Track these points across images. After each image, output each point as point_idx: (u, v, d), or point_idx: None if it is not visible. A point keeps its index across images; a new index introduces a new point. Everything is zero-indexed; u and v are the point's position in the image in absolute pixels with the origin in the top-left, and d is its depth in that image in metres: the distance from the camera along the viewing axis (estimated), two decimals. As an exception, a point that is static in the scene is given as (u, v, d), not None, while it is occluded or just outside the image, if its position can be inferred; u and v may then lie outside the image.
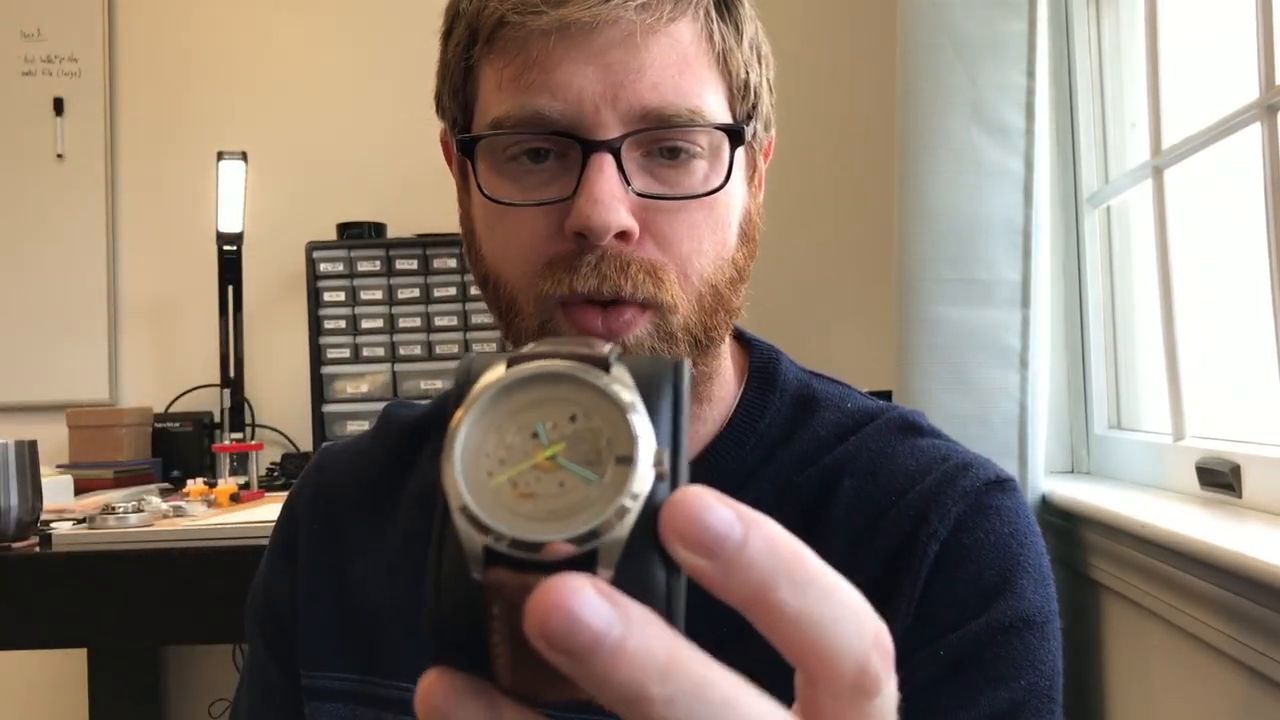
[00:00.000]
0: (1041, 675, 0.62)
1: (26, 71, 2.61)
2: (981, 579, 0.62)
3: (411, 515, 0.71)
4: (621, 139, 0.59)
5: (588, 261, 0.59)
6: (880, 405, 0.72)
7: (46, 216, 2.60)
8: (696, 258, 0.61)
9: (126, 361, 2.62)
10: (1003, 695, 0.61)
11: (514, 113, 0.60)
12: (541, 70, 0.59)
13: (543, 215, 0.60)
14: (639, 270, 0.59)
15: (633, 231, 0.59)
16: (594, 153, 0.58)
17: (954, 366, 1.32)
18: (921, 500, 0.64)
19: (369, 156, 2.57)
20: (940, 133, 1.34)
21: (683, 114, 0.60)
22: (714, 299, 0.63)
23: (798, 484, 0.66)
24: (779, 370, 0.72)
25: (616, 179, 0.58)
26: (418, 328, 2.41)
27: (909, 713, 0.61)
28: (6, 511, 1.47)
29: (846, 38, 2.40)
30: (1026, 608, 0.62)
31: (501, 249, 0.63)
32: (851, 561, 0.63)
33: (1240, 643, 0.83)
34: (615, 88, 0.58)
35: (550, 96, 0.59)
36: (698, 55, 0.61)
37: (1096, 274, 1.47)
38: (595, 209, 0.57)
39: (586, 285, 0.59)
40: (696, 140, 0.61)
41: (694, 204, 0.61)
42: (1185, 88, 1.25)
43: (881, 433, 0.69)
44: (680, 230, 0.61)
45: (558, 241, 0.60)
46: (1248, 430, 1.09)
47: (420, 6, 2.94)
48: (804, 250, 2.37)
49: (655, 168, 0.61)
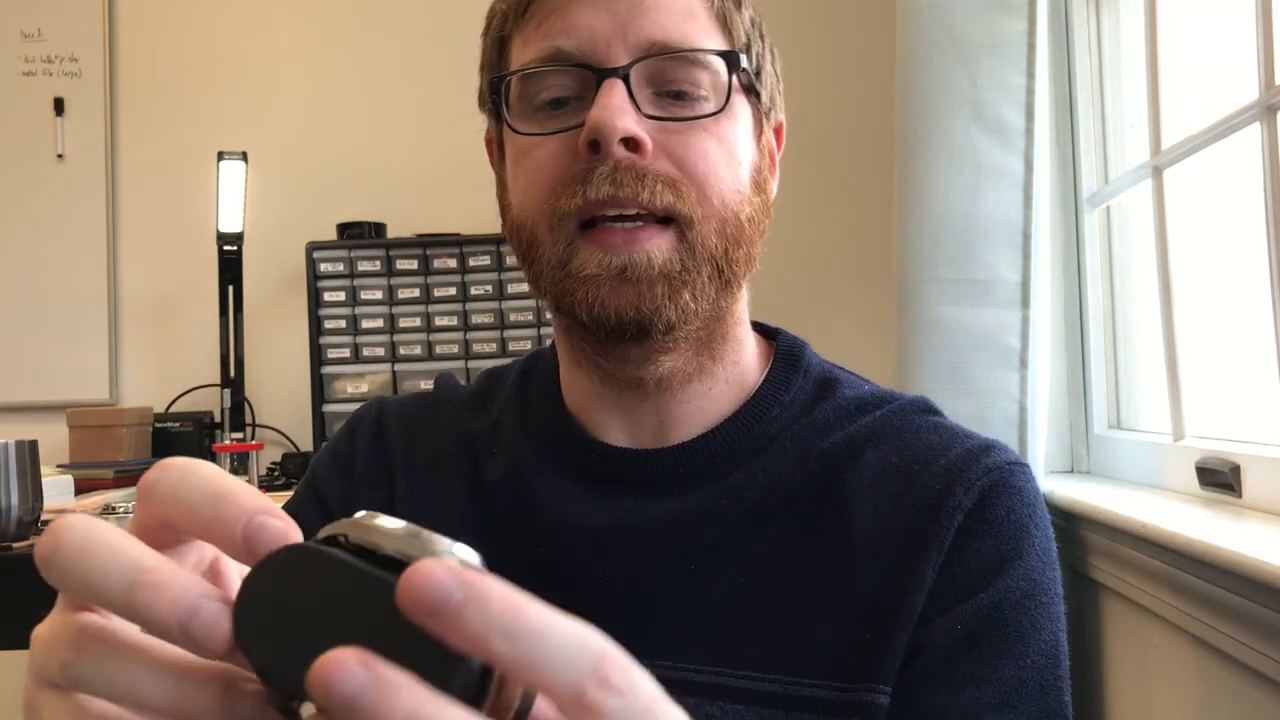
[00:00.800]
0: (1043, 652, 0.64)
1: (26, 71, 2.61)
2: (997, 552, 0.64)
3: (459, 458, 0.75)
4: (629, 65, 0.64)
5: (600, 173, 0.62)
6: (896, 391, 0.75)
7: (46, 216, 2.60)
8: (713, 179, 0.65)
9: (127, 361, 2.62)
10: (1009, 671, 0.62)
11: (536, 55, 0.66)
12: (559, 16, 0.65)
13: (561, 142, 0.65)
14: (655, 180, 0.63)
15: (643, 142, 0.63)
16: (606, 78, 0.63)
17: (954, 366, 1.32)
18: (947, 472, 0.66)
19: (369, 156, 2.57)
20: (940, 133, 1.34)
21: (687, 47, 0.65)
22: (736, 229, 0.66)
23: (820, 450, 0.68)
24: (804, 355, 0.75)
25: (625, 96, 0.63)
26: (418, 328, 2.41)
27: (927, 685, 0.62)
28: (6, 511, 1.47)
29: (846, 38, 2.40)
30: (1030, 585, 0.64)
31: (525, 187, 0.67)
32: (875, 528, 0.65)
33: (1240, 643, 0.83)
34: (624, 24, 0.64)
35: (566, 36, 0.65)
36: (698, 10, 0.66)
37: (1096, 274, 1.47)
38: (604, 113, 0.62)
39: (600, 192, 0.62)
40: (699, 82, 0.65)
41: (703, 130, 0.65)
42: (1185, 88, 1.25)
43: (905, 410, 0.71)
44: (693, 152, 0.64)
45: (572, 164, 0.64)
46: (1248, 430, 1.09)
47: (421, 7, 2.96)
48: (804, 250, 2.37)
49: (664, 104, 0.65)
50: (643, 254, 0.62)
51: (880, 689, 0.62)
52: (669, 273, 0.63)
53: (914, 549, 0.64)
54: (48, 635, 0.33)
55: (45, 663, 0.32)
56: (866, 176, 2.30)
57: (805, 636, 0.64)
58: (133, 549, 0.31)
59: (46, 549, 0.32)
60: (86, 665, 0.31)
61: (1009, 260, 1.31)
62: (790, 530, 0.66)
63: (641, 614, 0.66)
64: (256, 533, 0.31)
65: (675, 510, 0.67)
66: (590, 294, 0.63)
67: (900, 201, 1.39)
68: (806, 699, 0.62)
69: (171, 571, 0.31)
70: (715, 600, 0.65)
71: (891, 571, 0.64)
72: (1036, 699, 0.62)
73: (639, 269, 0.62)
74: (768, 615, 0.65)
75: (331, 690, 0.26)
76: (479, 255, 2.40)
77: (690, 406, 0.70)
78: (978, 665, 0.62)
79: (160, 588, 0.30)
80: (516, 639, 0.26)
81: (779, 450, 0.69)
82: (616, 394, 0.70)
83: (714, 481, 0.68)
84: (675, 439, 0.70)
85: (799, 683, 0.63)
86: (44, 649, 0.32)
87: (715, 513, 0.67)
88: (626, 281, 0.63)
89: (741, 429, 0.70)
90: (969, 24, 1.33)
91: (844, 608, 0.64)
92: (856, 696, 0.62)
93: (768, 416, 0.70)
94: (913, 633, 0.63)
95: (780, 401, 0.71)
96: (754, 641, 0.64)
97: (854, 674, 0.62)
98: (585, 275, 0.63)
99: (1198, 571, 0.88)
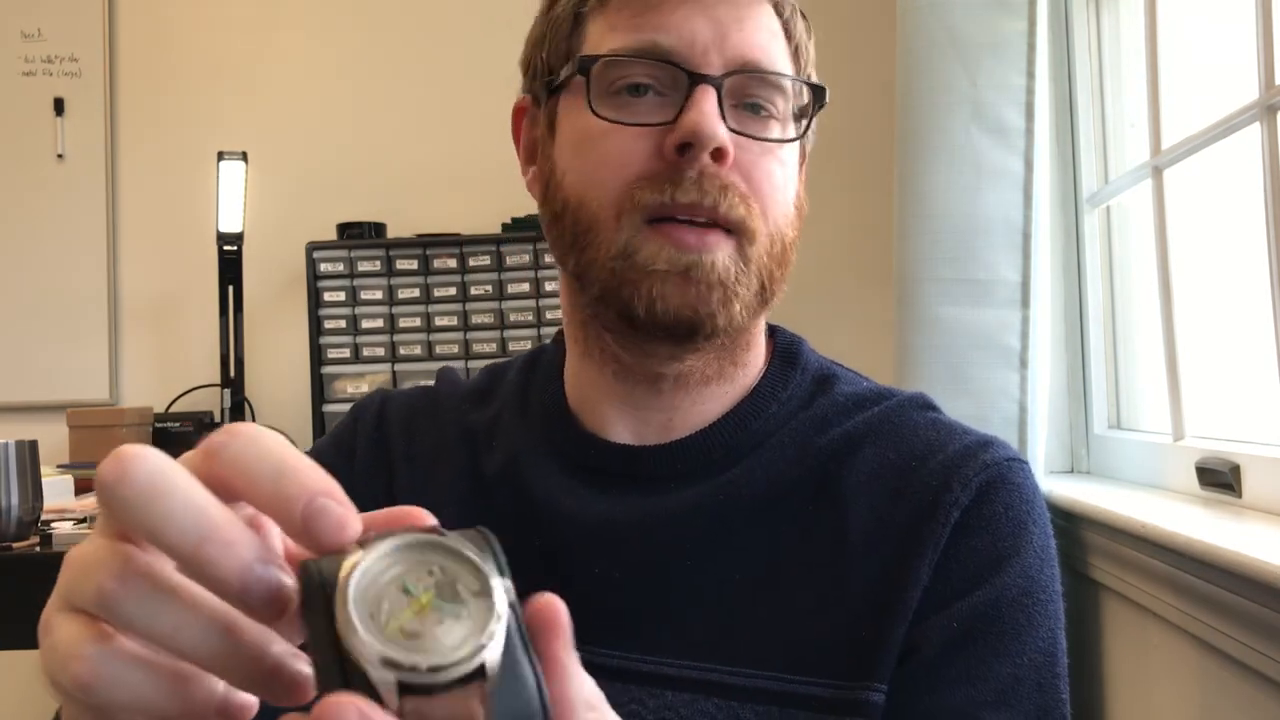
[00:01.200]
0: (1040, 650, 0.63)
1: (26, 71, 2.61)
2: (994, 549, 0.64)
3: (459, 452, 0.75)
4: (724, 77, 0.64)
5: (689, 176, 0.63)
6: (894, 388, 0.75)
7: (46, 216, 2.60)
8: (774, 202, 0.67)
9: (127, 361, 2.62)
10: (1006, 669, 0.62)
11: (630, 44, 0.65)
12: (657, 13, 0.65)
13: (642, 136, 0.65)
14: (734, 193, 0.64)
15: (728, 154, 0.64)
16: (700, 84, 0.64)
17: (954, 366, 1.32)
18: (944, 469, 0.66)
19: (369, 156, 2.57)
20: (940, 133, 1.34)
21: (774, 70, 0.66)
22: (781, 250, 0.68)
23: (817, 445, 0.69)
24: (802, 352, 0.76)
25: (716, 106, 0.64)
26: (418, 328, 2.41)
27: (922, 682, 0.62)
28: (7, 511, 1.47)
29: (846, 38, 2.40)
30: (1027, 582, 0.64)
31: (592, 171, 0.67)
32: (872, 524, 0.65)
33: (1240, 642, 0.83)
34: (723, 35, 0.65)
35: (665, 32, 0.65)
36: (781, 34, 0.69)
37: (1096, 274, 1.47)
38: (704, 119, 0.63)
39: (689, 196, 0.63)
40: (776, 102, 0.67)
41: (771, 153, 0.67)
42: (1185, 88, 1.25)
43: (902, 407, 0.72)
44: (761, 171, 0.66)
45: (655, 161, 0.64)
46: (1248, 430, 1.09)
47: (421, 7, 2.96)
48: (804, 250, 2.35)
49: (741, 116, 0.66)
50: (710, 257, 0.64)
51: (876, 687, 0.62)
52: (727, 280, 0.64)
53: (911, 545, 0.64)
54: (88, 559, 0.32)
55: (80, 586, 0.32)
56: (866, 176, 2.30)
57: (801, 633, 0.64)
58: (203, 500, 0.31)
59: (110, 475, 0.31)
60: (129, 599, 0.31)
61: (1009, 260, 1.31)
62: (787, 526, 0.66)
63: (638, 609, 0.66)
64: (316, 516, 0.31)
65: (673, 506, 0.67)
66: (655, 288, 0.64)
67: (900, 201, 1.39)
68: (802, 696, 0.62)
69: (242, 532, 0.31)
70: (711, 596, 0.66)
71: (888, 568, 0.64)
72: (1034, 697, 0.62)
73: (704, 270, 0.64)
74: (764, 612, 0.65)
75: None
76: (479, 255, 2.40)
77: (700, 407, 0.70)
78: (974, 663, 0.62)
79: (232, 546, 0.31)
80: None
81: (776, 446, 0.69)
82: (628, 388, 0.70)
83: (712, 477, 0.68)
84: (678, 435, 0.70)
85: (794, 680, 0.63)
86: (81, 572, 0.32)
87: (712, 508, 0.67)
88: (690, 281, 0.64)
89: (740, 425, 0.70)
90: (969, 24, 1.33)
91: (840, 605, 0.64)
92: (852, 694, 0.62)
93: (765, 413, 0.71)
94: (908, 630, 0.63)
95: (778, 398, 0.71)
96: (750, 638, 0.64)
97: (850, 671, 0.62)
98: (653, 269, 0.64)
99: (1198, 571, 0.88)
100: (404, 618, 0.30)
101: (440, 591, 0.31)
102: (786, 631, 0.64)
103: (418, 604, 0.31)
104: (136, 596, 0.31)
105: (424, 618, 0.31)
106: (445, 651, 0.30)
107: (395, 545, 0.31)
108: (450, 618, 0.31)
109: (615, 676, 0.64)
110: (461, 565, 0.32)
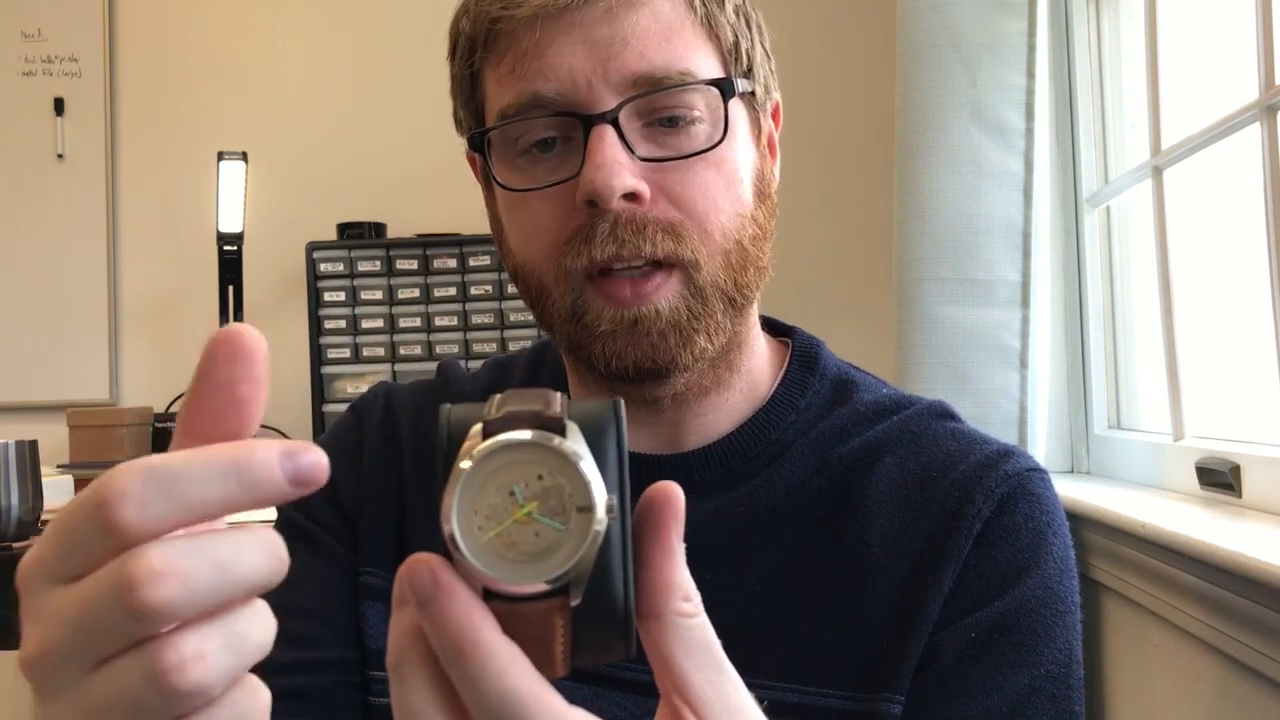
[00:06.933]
0: (1057, 661, 0.63)
1: (26, 71, 2.61)
2: (1014, 560, 0.64)
3: None
4: (617, 108, 0.61)
5: (601, 230, 0.61)
6: (914, 395, 0.74)
7: (46, 216, 2.60)
8: (714, 214, 0.63)
9: (127, 361, 2.62)
10: (1023, 680, 0.62)
11: (515, 101, 0.63)
12: (533, 57, 0.62)
13: (556, 196, 0.63)
14: (655, 230, 0.61)
15: (642, 193, 0.61)
16: (594, 125, 0.61)
17: (954, 366, 1.32)
18: (966, 480, 0.65)
19: (369, 156, 2.57)
20: (940, 133, 1.34)
21: (673, 76, 0.62)
22: (740, 256, 0.64)
23: (837, 456, 0.68)
24: (820, 356, 0.74)
25: (618, 145, 0.60)
26: (418, 328, 2.41)
27: (938, 691, 0.61)
28: (6, 511, 1.47)
29: (846, 38, 2.40)
30: (1046, 593, 0.64)
31: (524, 236, 0.66)
32: (893, 536, 0.64)
33: (1240, 642, 0.83)
34: (604, 61, 0.61)
35: (544, 79, 0.61)
36: (681, 23, 0.63)
37: (1096, 274, 1.47)
38: (599, 173, 0.59)
39: (604, 252, 0.61)
40: (693, 104, 0.63)
41: (701, 163, 0.63)
42: (1185, 88, 1.25)
43: (922, 415, 0.70)
44: (692, 189, 0.62)
45: (573, 217, 0.62)
46: (1248, 430, 1.09)
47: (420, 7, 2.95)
48: (804, 250, 2.37)
49: (657, 135, 0.63)
50: (650, 307, 0.62)
51: (894, 699, 0.61)
52: (678, 322, 0.62)
53: (932, 557, 0.63)
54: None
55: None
56: (866, 176, 2.30)
57: (819, 645, 0.63)
58: (195, 456, 0.31)
59: (112, 496, 0.30)
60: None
61: (1009, 260, 1.31)
62: (807, 537, 0.65)
63: None
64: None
65: (691, 516, 0.67)
66: (606, 348, 0.63)
67: (900, 201, 1.39)
68: (820, 708, 0.62)
69: (253, 446, 0.32)
70: (729, 607, 0.65)
71: (909, 579, 0.63)
72: (1047, 709, 0.62)
73: (650, 321, 0.62)
74: (782, 623, 0.64)
75: (406, 583, 0.32)
76: (479, 255, 2.40)
77: (707, 418, 0.69)
78: (990, 673, 0.61)
79: (256, 468, 0.32)
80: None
81: (796, 457, 0.68)
82: (630, 408, 0.69)
83: (731, 489, 0.67)
84: (690, 445, 0.69)
85: (812, 692, 0.62)
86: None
87: (731, 519, 0.66)
88: (639, 334, 0.62)
89: (758, 435, 0.69)
90: (969, 24, 1.33)
91: (859, 616, 0.63)
92: (870, 706, 0.61)
93: (784, 422, 0.69)
94: (926, 640, 0.62)
95: (796, 406, 0.70)
96: (767, 649, 0.63)
97: (868, 683, 0.62)
98: (600, 331, 0.63)
99: (1198, 571, 0.88)
100: (503, 525, 0.32)
101: (543, 503, 0.32)
102: (804, 643, 0.64)
103: (520, 512, 0.32)
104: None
105: (522, 528, 0.32)
106: (533, 572, 0.31)
107: (509, 442, 0.32)
108: (547, 532, 0.32)
109: (634, 689, 0.63)
110: (570, 475, 0.32)
